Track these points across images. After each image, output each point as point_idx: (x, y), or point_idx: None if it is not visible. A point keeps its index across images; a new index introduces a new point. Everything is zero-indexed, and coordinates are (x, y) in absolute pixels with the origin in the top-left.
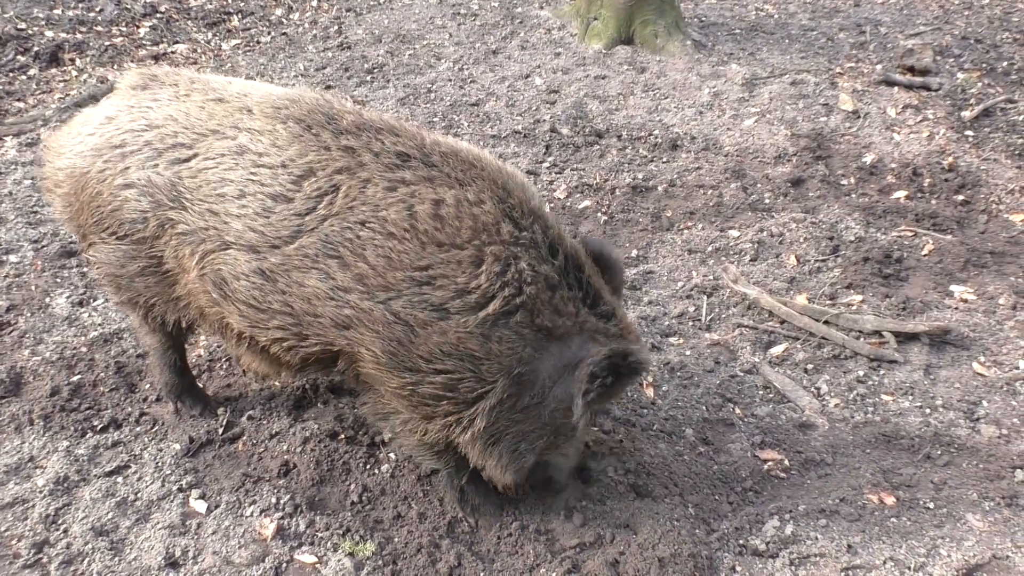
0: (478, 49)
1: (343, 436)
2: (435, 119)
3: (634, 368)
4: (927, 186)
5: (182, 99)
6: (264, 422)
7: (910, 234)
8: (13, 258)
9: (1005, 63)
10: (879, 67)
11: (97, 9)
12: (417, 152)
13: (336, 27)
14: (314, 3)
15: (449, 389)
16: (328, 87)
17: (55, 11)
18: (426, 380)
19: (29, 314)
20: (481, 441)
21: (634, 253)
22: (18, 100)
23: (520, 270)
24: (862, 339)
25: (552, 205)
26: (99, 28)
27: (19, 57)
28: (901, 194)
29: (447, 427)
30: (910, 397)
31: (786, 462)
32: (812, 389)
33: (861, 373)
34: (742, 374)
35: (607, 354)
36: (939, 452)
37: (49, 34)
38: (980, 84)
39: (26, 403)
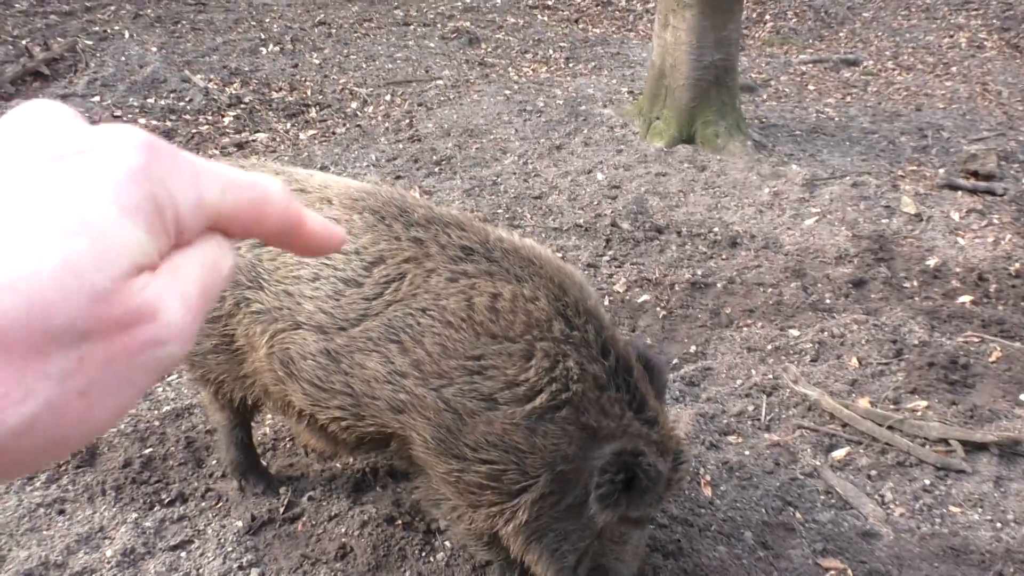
0: (542, 144)
1: (400, 521)
2: (499, 210)
3: (646, 470)
4: (993, 292)
5: None
6: (324, 503)
7: (977, 340)
8: None
9: None
10: (942, 171)
11: (187, 99)
12: (480, 247)
13: (407, 120)
14: (388, 98)
15: (493, 479)
16: (398, 177)
17: (148, 100)
18: (471, 468)
19: None
20: (523, 535)
21: (692, 349)
22: None
23: (568, 367)
24: (928, 446)
25: (611, 299)
26: (187, 116)
27: None
28: (966, 299)
29: (491, 517)
30: (979, 510)
31: (849, 572)
32: (876, 496)
33: (927, 482)
34: (803, 477)
35: (616, 450)
36: (1012, 570)
37: (141, 121)
38: None
39: (100, 473)
